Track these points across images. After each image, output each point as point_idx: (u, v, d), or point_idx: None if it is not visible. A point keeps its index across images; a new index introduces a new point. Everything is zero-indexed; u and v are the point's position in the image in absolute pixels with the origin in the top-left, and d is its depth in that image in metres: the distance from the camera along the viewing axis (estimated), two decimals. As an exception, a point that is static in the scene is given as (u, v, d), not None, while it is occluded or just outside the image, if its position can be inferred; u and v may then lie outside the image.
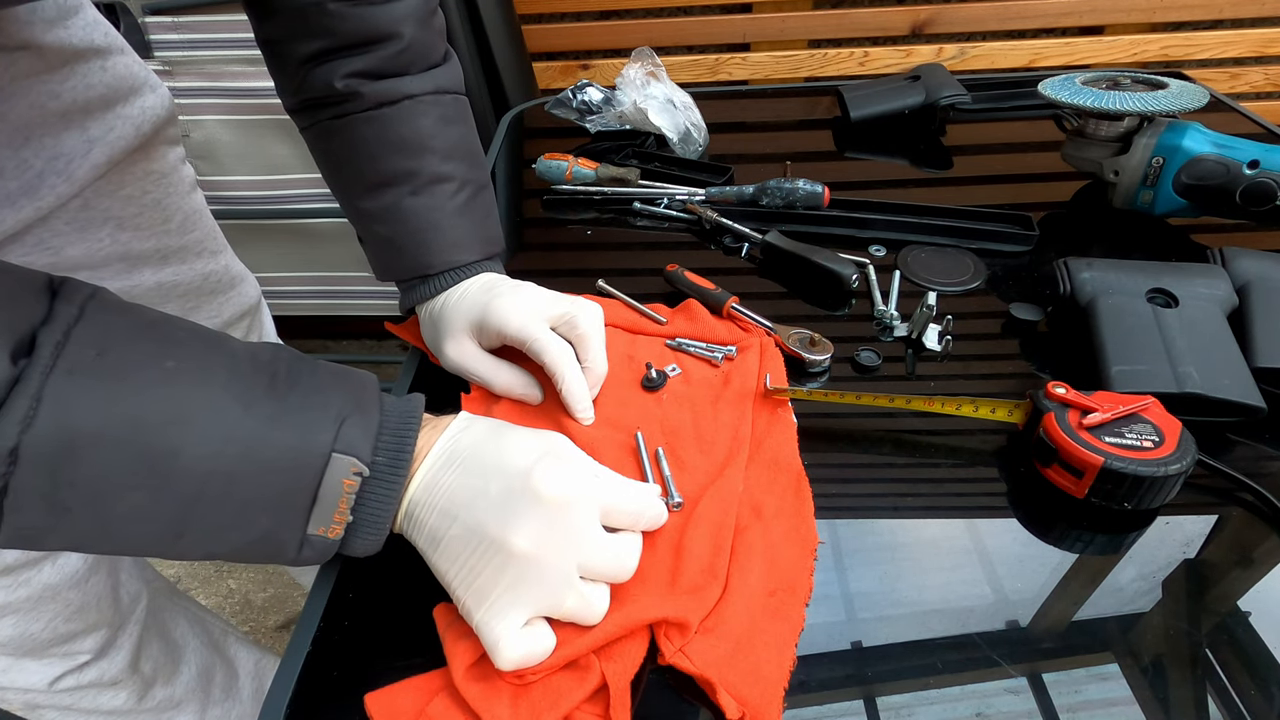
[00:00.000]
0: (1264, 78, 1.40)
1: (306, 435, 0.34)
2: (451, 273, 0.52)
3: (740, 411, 0.49)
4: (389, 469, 0.36)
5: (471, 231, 0.52)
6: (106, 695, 0.68)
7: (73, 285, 0.32)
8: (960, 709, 0.36)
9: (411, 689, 0.36)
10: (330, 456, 0.34)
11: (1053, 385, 0.44)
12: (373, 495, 0.36)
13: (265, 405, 0.33)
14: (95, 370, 0.30)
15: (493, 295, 0.49)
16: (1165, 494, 0.41)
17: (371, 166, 0.50)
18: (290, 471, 0.33)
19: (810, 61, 1.41)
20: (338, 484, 0.34)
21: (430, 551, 0.37)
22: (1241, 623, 0.39)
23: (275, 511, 0.34)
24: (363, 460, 0.35)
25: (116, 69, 0.53)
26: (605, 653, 0.36)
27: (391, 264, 0.53)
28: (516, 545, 0.35)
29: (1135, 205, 0.68)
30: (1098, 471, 0.41)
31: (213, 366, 0.33)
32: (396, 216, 0.51)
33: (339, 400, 0.35)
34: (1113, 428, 0.42)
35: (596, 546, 0.37)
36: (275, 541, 0.34)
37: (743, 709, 0.34)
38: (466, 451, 0.38)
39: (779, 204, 0.70)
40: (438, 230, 0.51)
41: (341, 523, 0.35)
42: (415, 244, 0.51)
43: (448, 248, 0.51)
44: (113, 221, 0.55)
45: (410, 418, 0.38)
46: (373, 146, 0.50)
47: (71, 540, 0.32)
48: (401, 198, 0.50)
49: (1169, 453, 0.41)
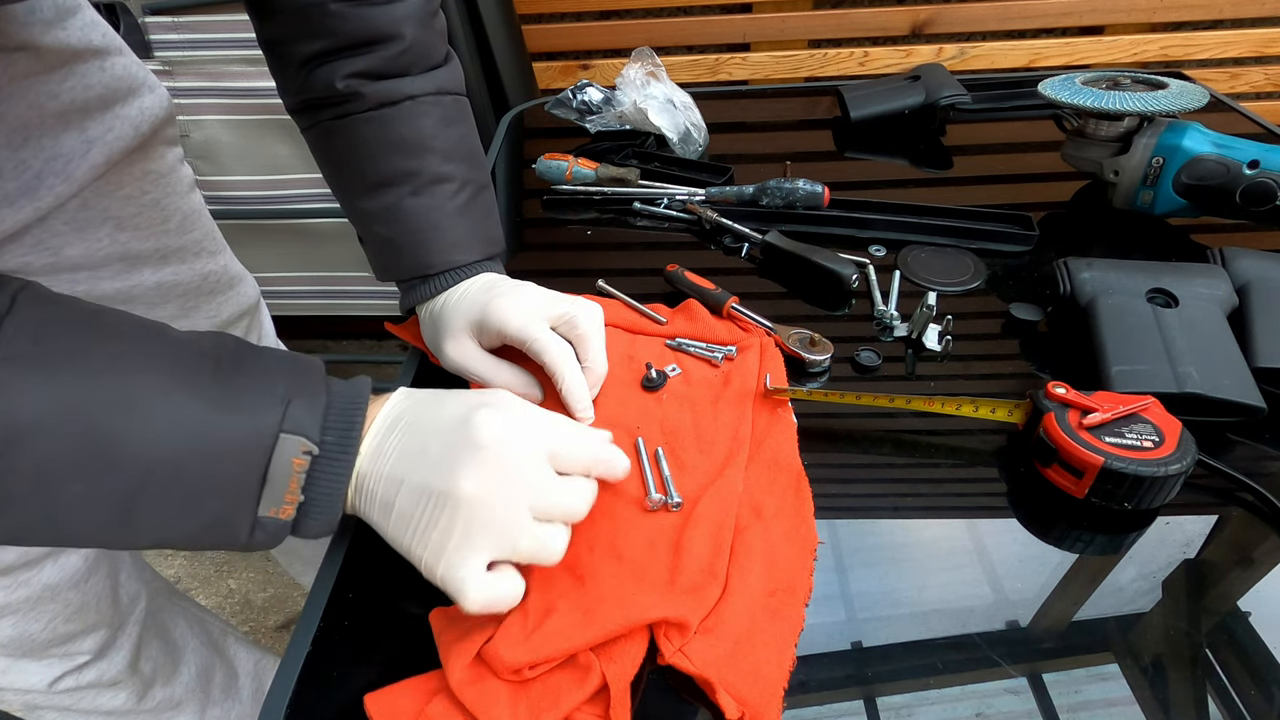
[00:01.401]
0: (1264, 78, 1.40)
1: (253, 416, 0.34)
2: (451, 273, 0.52)
3: (740, 411, 0.49)
4: (338, 447, 0.36)
5: (472, 232, 0.52)
6: (106, 696, 0.68)
7: (3, 277, 0.31)
8: (960, 709, 0.36)
9: (411, 689, 0.36)
10: (279, 436, 0.34)
11: (1053, 385, 0.44)
12: (323, 474, 0.36)
13: (210, 389, 0.33)
14: (33, 358, 0.30)
15: (493, 295, 0.49)
16: (1165, 494, 0.41)
17: (372, 166, 0.50)
18: (238, 453, 0.33)
19: (810, 61, 1.40)
20: (287, 463, 0.34)
21: (384, 522, 0.37)
22: (1241, 623, 0.39)
23: (225, 494, 0.34)
24: (311, 439, 0.35)
25: (115, 69, 0.53)
26: (605, 653, 0.36)
27: (391, 264, 0.53)
28: (462, 490, 0.35)
29: (1135, 205, 0.68)
30: (1098, 471, 0.41)
31: (156, 353, 0.34)
32: (396, 217, 0.51)
33: (284, 382, 0.35)
34: (1113, 428, 0.42)
35: (545, 486, 0.37)
36: (226, 525, 0.34)
37: (742, 709, 0.34)
38: (407, 416, 0.38)
39: (779, 204, 0.70)
40: (438, 230, 0.51)
41: (293, 503, 0.35)
42: (415, 244, 0.51)
43: (448, 248, 0.51)
44: (111, 222, 0.55)
45: (358, 398, 0.38)
46: (373, 146, 0.50)
47: (17, 529, 0.32)
48: (402, 198, 0.50)
49: (1169, 453, 0.41)
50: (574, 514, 0.38)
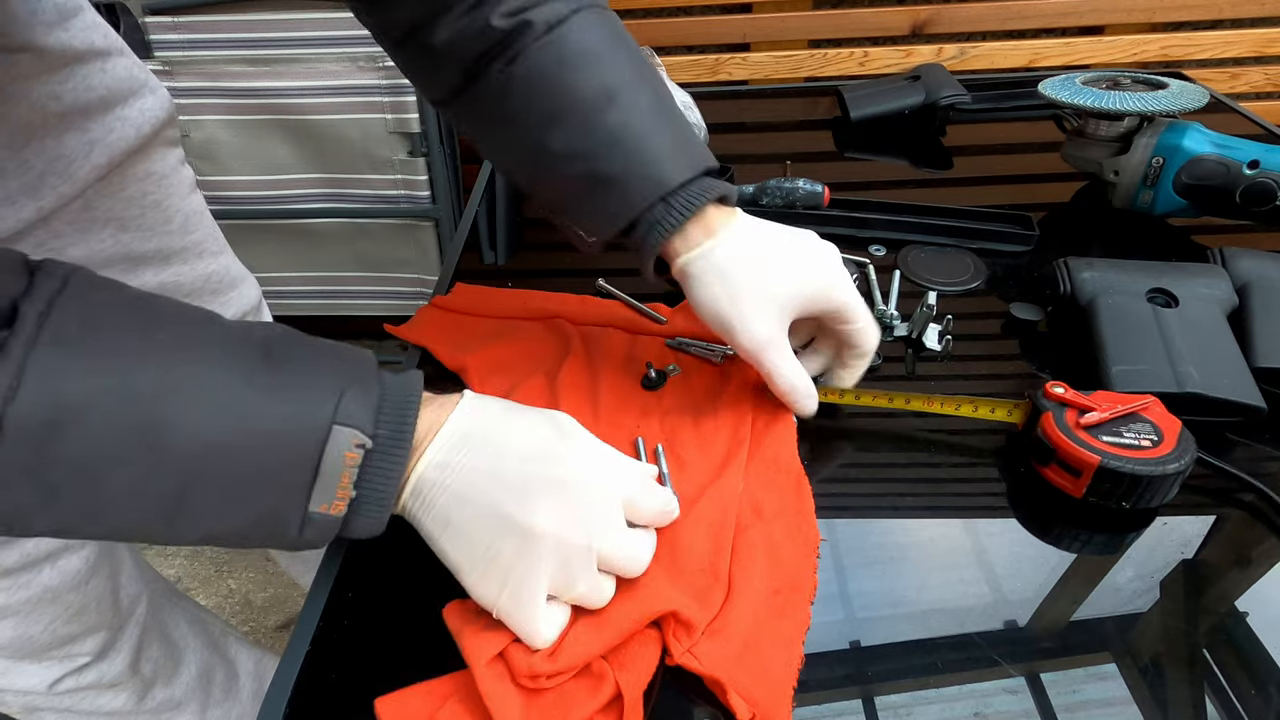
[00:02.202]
0: (1264, 78, 1.40)
1: (306, 406, 0.32)
2: (691, 189, 0.44)
3: (740, 411, 0.49)
4: (392, 442, 0.35)
5: (685, 143, 0.45)
6: (106, 697, 0.68)
7: (53, 261, 0.31)
8: (959, 709, 0.36)
9: (422, 694, 0.36)
10: (331, 428, 0.32)
11: (1051, 385, 0.44)
12: (376, 469, 0.34)
13: (261, 377, 0.32)
14: (82, 341, 0.29)
15: (792, 251, 0.45)
16: (1164, 493, 0.41)
17: (567, 95, 0.43)
18: (290, 444, 0.32)
19: (810, 61, 1.40)
20: (340, 457, 0.33)
21: (439, 533, 0.36)
22: (1239, 623, 0.39)
23: (276, 486, 0.32)
24: (365, 433, 0.33)
25: (116, 71, 0.53)
26: (618, 662, 0.36)
27: (616, 203, 0.44)
28: (538, 525, 0.34)
29: (1135, 205, 0.68)
30: (1095, 471, 0.41)
31: (206, 339, 0.32)
32: (606, 139, 0.43)
33: (337, 373, 0.34)
34: (1111, 427, 0.42)
35: (618, 537, 0.36)
36: (276, 519, 0.33)
37: (753, 710, 0.34)
38: (480, 432, 0.37)
39: (779, 204, 0.70)
40: (658, 141, 0.44)
41: (345, 498, 0.34)
42: (639, 162, 0.43)
43: (676, 159, 0.44)
44: (114, 222, 0.55)
45: (411, 392, 0.36)
46: (561, 70, 0.43)
47: (62, 522, 0.31)
48: (608, 115, 0.43)
49: (1167, 452, 0.41)
50: (635, 569, 0.37)
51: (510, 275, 0.67)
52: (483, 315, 0.60)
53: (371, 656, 0.38)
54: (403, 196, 1.34)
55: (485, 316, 0.60)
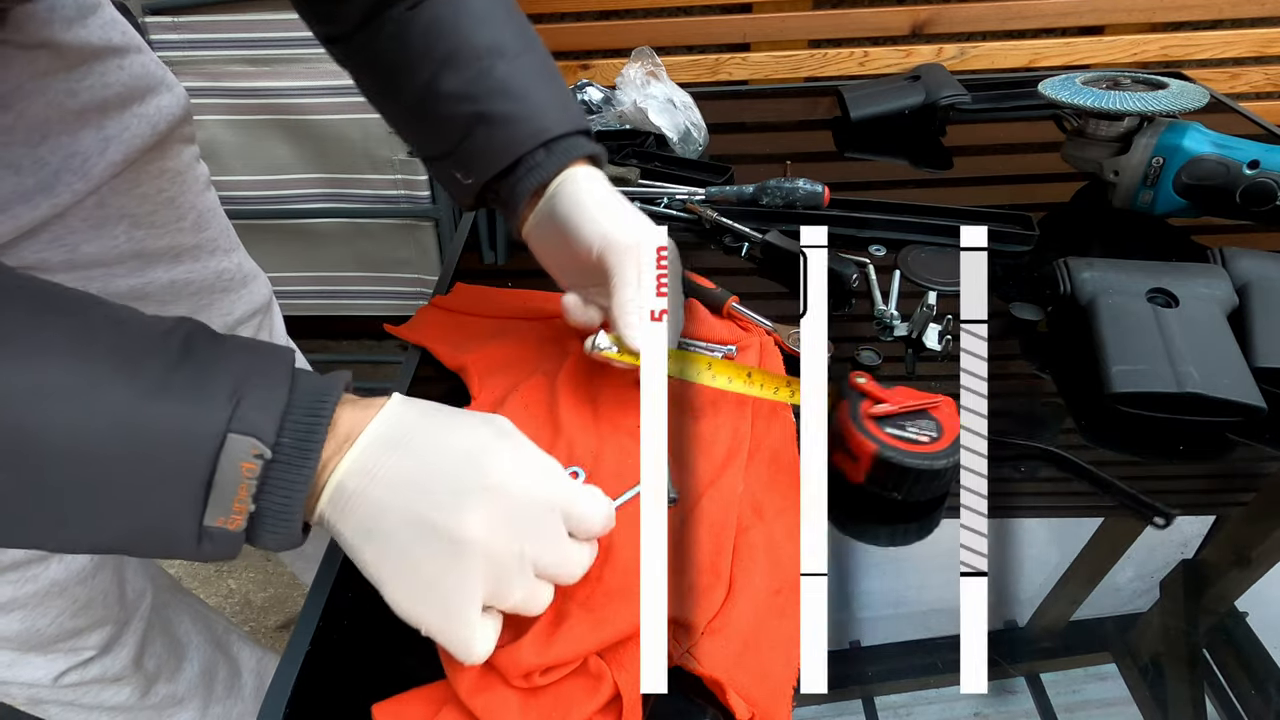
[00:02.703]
0: (1264, 78, 1.40)
1: (197, 411, 0.30)
2: (570, 140, 0.47)
3: (740, 411, 0.49)
4: (297, 452, 0.31)
5: (567, 100, 0.49)
6: (110, 691, 0.68)
7: None
8: (958, 709, 0.36)
9: (420, 699, 0.36)
10: (225, 436, 0.30)
11: (855, 374, 0.45)
12: (277, 482, 0.31)
13: (151, 378, 0.30)
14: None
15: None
16: (935, 488, 0.43)
17: (463, 44, 0.46)
18: (178, 451, 0.29)
19: (810, 61, 1.40)
20: (235, 468, 0.30)
21: (360, 544, 0.33)
22: (1239, 623, 0.39)
23: (164, 499, 0.30)
24: (264, 441, 0.30)
25: (134, 68, 0.53)
26: (616, 661, 0.36)
27: (500, 145, 0.47)
28: (469, 532, 0.32)
29: (1135, 205, 0.68)
30: (871, 458, 0.42)
31: (95, 336, 0.30)
32: (503, 86, 0.46)
33: (240, 373, 0.31)
34: (898, 420, 0.43)
35: (554, 546, 0.35)
36: (167, 534, 0.31)
37: (752, 710, 0.34)
38: (408, 435, 0.34)
39: (779, 204, 0.70)
40: (542, 93, 0.48)
41: (243, 512, 0.31)
42: (529, 111, 0.47)
43: (557, 111, 0.47)
44: (128, 219, 0.55)
45: (324, 395, 0.33)
46: (456, 23, 0.47)
47: None
48: (498, 66, 0.46)
49: (940, 449, 0.42)
50: (572, 578, 0.36)
51: (510, 275, 0.67)
52: (483, 315, 0.60)
53: (371, 657, 0.39)
54: (403, 196, 1.34)
55: (485, 316, 0.60)
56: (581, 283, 0.50)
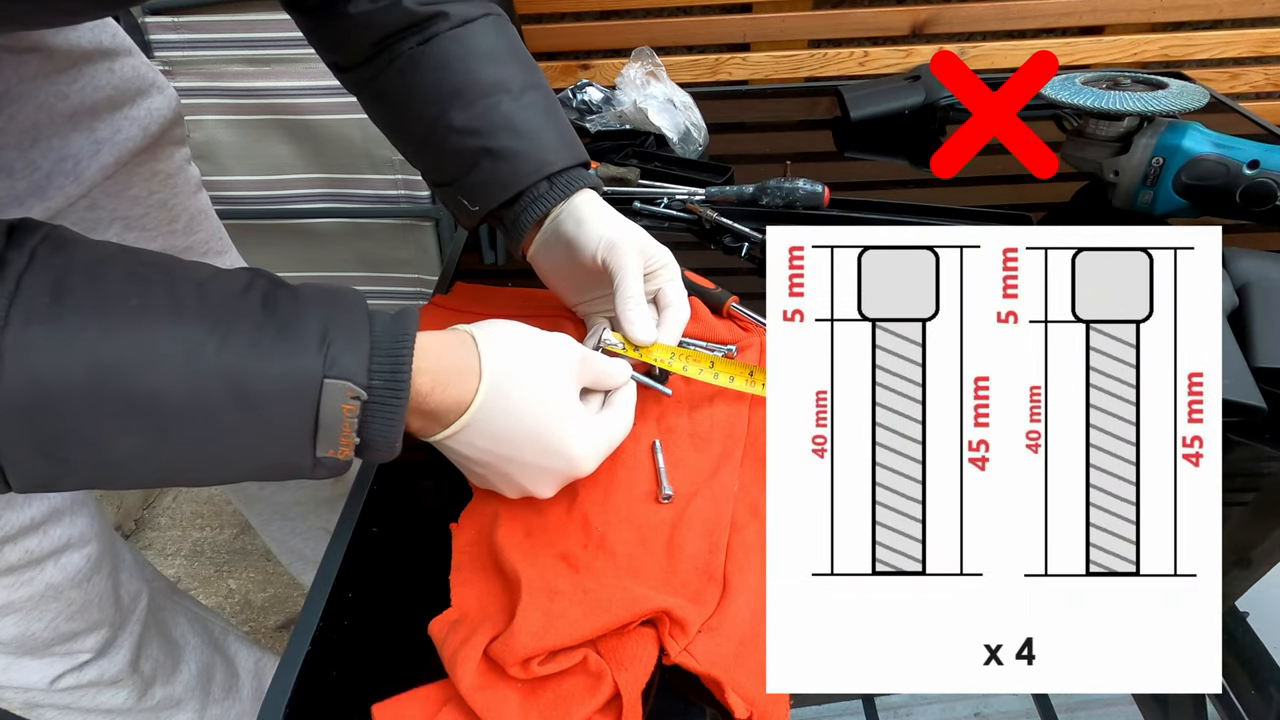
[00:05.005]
0: (1264, 78, 1.40)
1: (293, 365, 0.32)
2: (571, 174, 0.50)
3: (736, 410, 0.49)
4: (389, 392, 0.34)
5: (569, 135, 0.52)
6: (106, 694, 0.68)
7: (25, 228, 0.30)
8: (958, 709, 0.36)
9: (419, 699, 0.36)
10: (323, 383, 0.32)
11: None
12: (376, 417, 0.34)
13: (244, 337, 0.32)
14: (53, 318, 0.29)
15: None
16: None
17: (470, 81, 0.49)
18: (284, 402, 0.32)
19: (810, 61, 1.40)
20: (336, 409, 0.33)
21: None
22: (1240, 623, 0.39)
23: (279, 441, 0.33)
24: (358, 384, 0.33)
25: (124, 70, 0.53)
26: (617, 661, 0.35)
27: (505, 178, 0.50)
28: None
29: (1135, 205, 0.68)
30: None
31: (182, 299, 0.32)
32: (508, 123, 0.49)
33: (323, 321, 0.34)
34: None
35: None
36: (288, 466, 0.34)
37: (750, 708, 0.34)
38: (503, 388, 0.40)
39: (779, 204, 0.70)
40: (546, 130, 0.50)
41: (349, 444, 0.34)
42: (532, 146, 0.49)
43: (559, 147, 0.50)
44: (119, 222, 0.55)
45: (403, 335, 0.36)
46: (465, 61, 0.49)
47: (85, 483, 0.32)
48: (504, 103, 0.49)
49: None
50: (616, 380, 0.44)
51: (510, 275, 0.67)
52: (483, 314, 0.60)
53: (371, 657, 0.38)
54: (403, 196, 1.34)
55: (485, 316, 0.59)
56: (586, 293, 0.51)
